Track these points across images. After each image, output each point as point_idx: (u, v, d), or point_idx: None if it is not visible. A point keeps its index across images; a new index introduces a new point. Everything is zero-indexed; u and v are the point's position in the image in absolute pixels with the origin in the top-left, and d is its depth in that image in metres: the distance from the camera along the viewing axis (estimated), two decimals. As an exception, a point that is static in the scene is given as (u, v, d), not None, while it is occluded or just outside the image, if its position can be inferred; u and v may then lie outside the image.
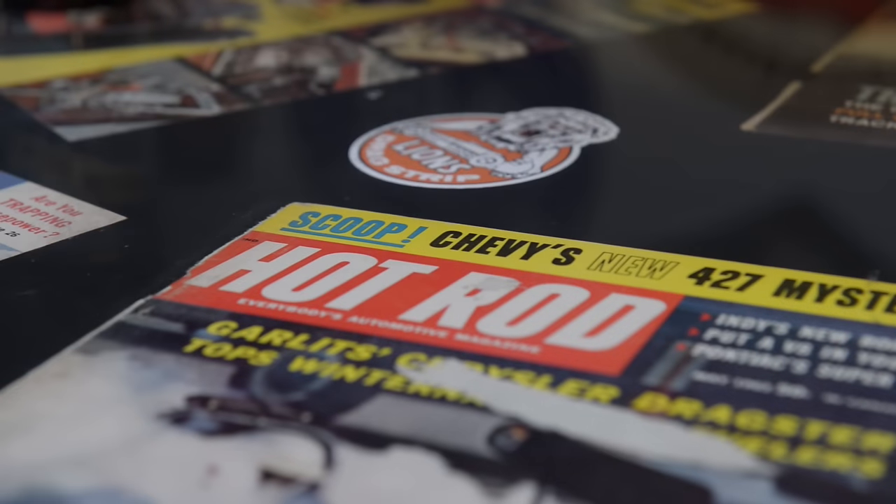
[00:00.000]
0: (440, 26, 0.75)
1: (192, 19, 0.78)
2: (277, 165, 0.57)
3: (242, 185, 0.54)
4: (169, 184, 0.55)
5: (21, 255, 0.47)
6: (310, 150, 0.58)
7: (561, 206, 0.51)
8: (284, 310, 0.43)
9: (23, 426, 0.37)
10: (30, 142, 0.59)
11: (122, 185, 0.54)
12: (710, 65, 0.70)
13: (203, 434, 0.37)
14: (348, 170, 0.55)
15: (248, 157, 0.58)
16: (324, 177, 0.55)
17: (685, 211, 0.50)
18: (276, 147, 0.59)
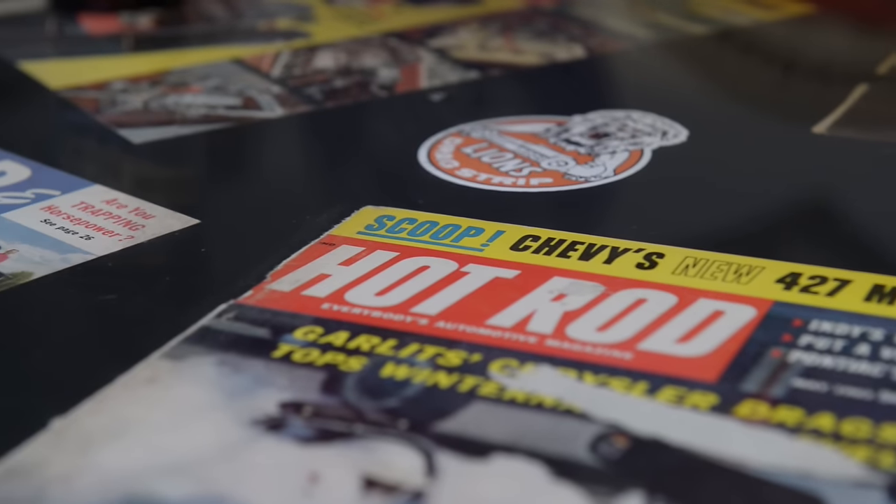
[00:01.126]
0: (496, 28, 0.74)
1: (246, 20, 0.77)
2: (346, 168, 0.56)
3: (312, 187, 0.54)
4: (239, 187, 0.54)
5: (98, 259, 0.47)
6: (378, 153, 0.58)
7: (638, 210, 0.50)
8: (369, 315, 0.42)
9: (116, 432, 0.37)
10: (94, 144, 0.59)
11: (192, 187, 0.54)
12: (773, 66, 0.69)
13: (300, 441, 0.36)
14: (419, 172, 0.54)
15: (315, 159, 0.57)
16: (394, 180, 0.54)
17: (763, 215, 0.50)
18: (344, 150, 0.58)
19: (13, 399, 0.39)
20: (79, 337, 0.42)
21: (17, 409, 0.38)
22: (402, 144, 0.57)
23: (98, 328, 0.43)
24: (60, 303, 0.44)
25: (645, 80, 0.68)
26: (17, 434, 0.37)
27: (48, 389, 0.39)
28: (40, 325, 0.43)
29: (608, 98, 0.62)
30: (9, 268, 0.46)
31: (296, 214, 0.50)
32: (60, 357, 0.41)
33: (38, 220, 0.50)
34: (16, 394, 0.39)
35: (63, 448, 0.36)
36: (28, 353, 0.41)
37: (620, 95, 0.63)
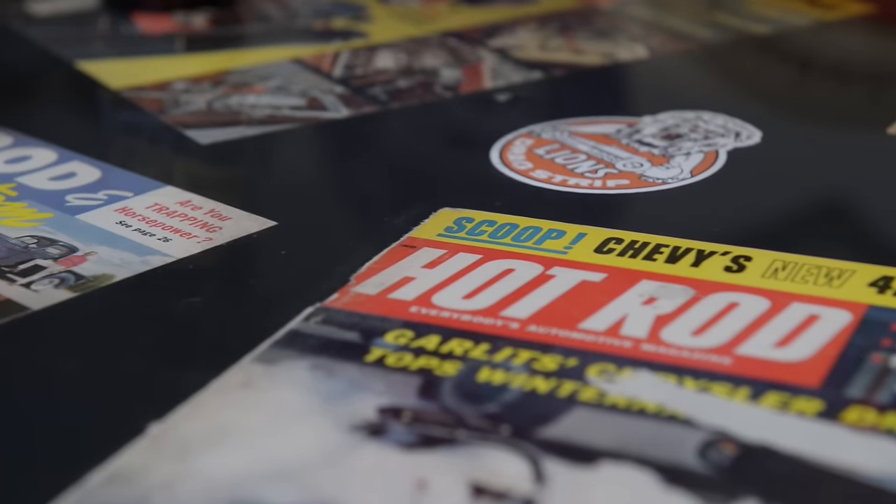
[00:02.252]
0: (555, 27, 0.74)
1: (301, 20, 0.77)
2: (419, 169, 0.56)
3: (387, 188, 0.53)
4: (311, 188, 0.54)
5: (178, 262, 0.46)
6: (449, 154, 0.57)
7: (719, 212, 0.50)
8: (459, 318, 0.42)
9: (215, 437, 0.36)
10: (162, 145, 0.59)
11: (265, 189, 0.54)
12: (837, 66, 0.69)
13: (403, 447, 0.36)
14: (492, 174, 0.54)
15: (386, 160, 0.57)
16: (469, 181, 0.54)
17: (846, 217, 0.49)
18: (413, 150, 0.58)
19: (109, 404, 0.39)
20: (167, 340, 0.42)
21: (113, 413, 0.38)
22: (472, 145, 0.57)
23: (185, 331, 0.43)
24: (145, 306, 0.44)
25: (710, 81, 0.67)
26: (115, 439, 0.36)
27: (142, 394, 0.39)
28: (127, 329, 0.43)
29: (675, 99, 0.61)
30: (89, 270, 0.46)
31: (372, 216, 0.50)
32: (151, 361, 0.41)
33: (113, 222, 0.50)
34: (111, 398, 0.39)
35: (163, 454, 0.36)
36: (119, 357, 0.41)
37: (687, 96, 0.62)
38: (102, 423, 0.37)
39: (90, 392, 0.39)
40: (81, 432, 0.37)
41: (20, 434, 0.37)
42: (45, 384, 0.40)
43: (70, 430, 0.37)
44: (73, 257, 0.47)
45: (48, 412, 0.38)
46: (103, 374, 0.40)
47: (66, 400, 0.39)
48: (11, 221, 0.50)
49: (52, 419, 0.38)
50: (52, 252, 0.47)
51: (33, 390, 0.39)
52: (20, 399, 0.39)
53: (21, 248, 0.48)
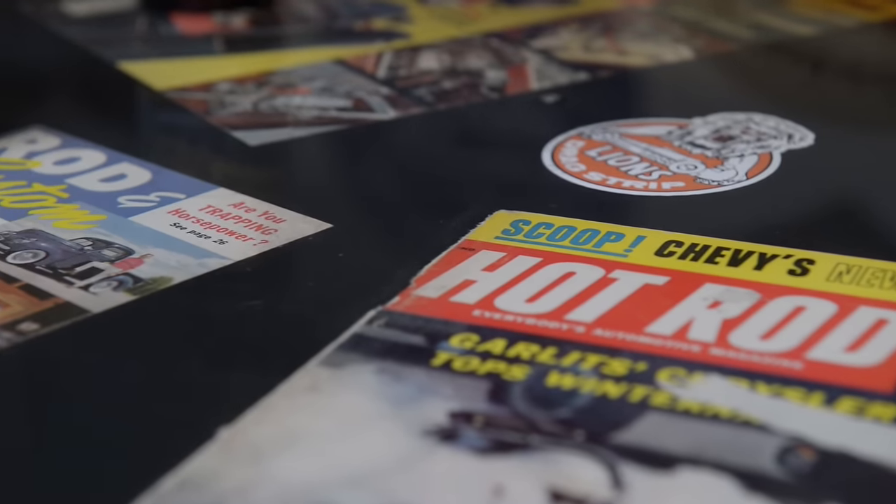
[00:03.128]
0: (597, 28, 0.73)
1: (342, 21, 0.76)
2: (471, 171, 0.55)
3: (440, 190, 0.53)
4: (364, 190, 0.54)
5: (235, 264, 0.46)
6: (501, 155, 0.57)
7: (778, 215, 0.49)
8: (523, 322, 0.42)
9: (285, 442, 0.36)
10: (211, 146, 0.59)
11: (317, 191, 0.53)
12: (887, 69, 0.68)
13: (477, 452, 0.35)
14: (546, 176, 0.53)
15: (436, 161, 0.57)
16: (522, 183, 0.53)
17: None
18: (464, 152, 0.58)
19: (176, 408, 0.38)
20: (230, 343, 0.42)
21: (181, 418, 0.38)
22: (522, 147, 0.57)
23: (248, 334, 0.42)
24: (206, 308, 0.44)
25: (758, 82, 0.67)
26: (184, 444, 0.36)
27: (209, 397, 0.39)
28: (190, 332, 0.42)
29: (724, 100, 0.61)
30: (147, 272, 0.46)
31: (427, 218, 0.49)
32: (215, 364, 0.41)
33: (167, 224, 0.50)
34: (178, 402, 0.39)
35: (234, 459, 0.35)
36: (183, 360, 0.41)
37: (736, 98, 0.62)
38: (170, 428, 0.37)
39: (157, 396, 0.39)
40: (150, 437, 0.37)
41: (88, 439, 0.37)
42: (110, 388, 0.39)
43: (138, 435, 0.37)
44: (130, 259, 0.47)
45: (115, 416, 0.38)
46: (169, 378, 0.40)
47: (133, 404, 0.39)
48: (65, 223, 0.50)
49: (118, 423, 0.38)
50: (108, 254, 0.47)
51: (99, 394, 0.39)
52: (86, 403, 0.39)
53: (77, 251, 0.47)
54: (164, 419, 0.38)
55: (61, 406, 0.38)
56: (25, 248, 0.48)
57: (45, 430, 0.37)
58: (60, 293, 0.45)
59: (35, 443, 0.37)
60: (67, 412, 0.38)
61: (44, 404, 0.39)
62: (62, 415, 0.38)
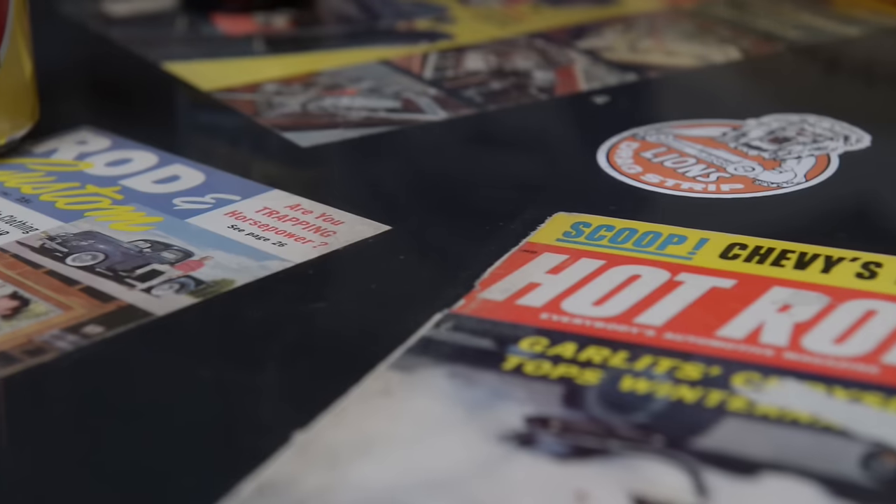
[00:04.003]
0: (642, 29, 0.73)
1: (384, 21, 0.76)
2: (526, 172, 0.55)
3: (495, 192, 0.53)
4: (419, 191, 0.53)
5: (297, 266, 0.46)
6: (555, 157, 0.57)
7: (840, 217, 0.49)
8: (592, 325, 0.41)
9: (362, 447, 0.36)
10: (262, 148, 0.58)
11: (373, 192, 0.53)
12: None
13: (556, 457, 0.35)
14: (602, 177, 0.53)
15: (490, 163, 0.56)
16: (579, 184, 0.53)
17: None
18: (518, 153, 0.57)
19: (249, 412, 0.38)
20: (298, 346, 0.41)
21: (254, 422, 0.37)
22: (576, 148, 0.56)
23: (314, 337, 0.42)
24: (271, 311, 0.44)
25: (808, 83, 0.67)
26: (260, 448, 0.35)
27: (281, 401, 0.38)
28: (257, 335, 0.42)
29: (775, 101, 0.60)
30: (208, 275, 0.46)
31: (485, 220, 0.49)
32: (285, 367, 0.40)
33: (224, 226, 0.49)
34: (250, 406, 0.38)
35: (312, 463, 0.35)
36: (252, 363, 0.40)
37: (787, 98, 0.62)
38: (245, 432, 0.37)
39: (228, 399, 0.39)
40: (224, 441, 0.37)
41: (163, 444, 0.37)
42: (180, 392, 0.39)
43: (212, 440, 0.37)
44: (190, 262, 0.47)
45: (187, 420, 0.38)
46: (239, 381, 0.40)
47: (204, 408, 0.38)
48: (122, 225, 0.50)
49: (191, 428, 0.37)
50: (167, 257, 0.47)
51: (169, 398, 0.39)
52: (156, 407, 0.38)
53: (136, 253, 0.47)
54: (237, 423, 0.37)
55: (130, 410, 0.38)
56: (84, 250, 0.48)
57: (116, 435, 0.37)
58: (122, 296, 0.44)
59: (108, 448, 0.36)
60: (137, 416, 0.38)
61: (113, 408, 0.38)
62: (132, 419, 0.38)
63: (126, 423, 0.38)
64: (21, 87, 0.56)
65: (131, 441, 0.37)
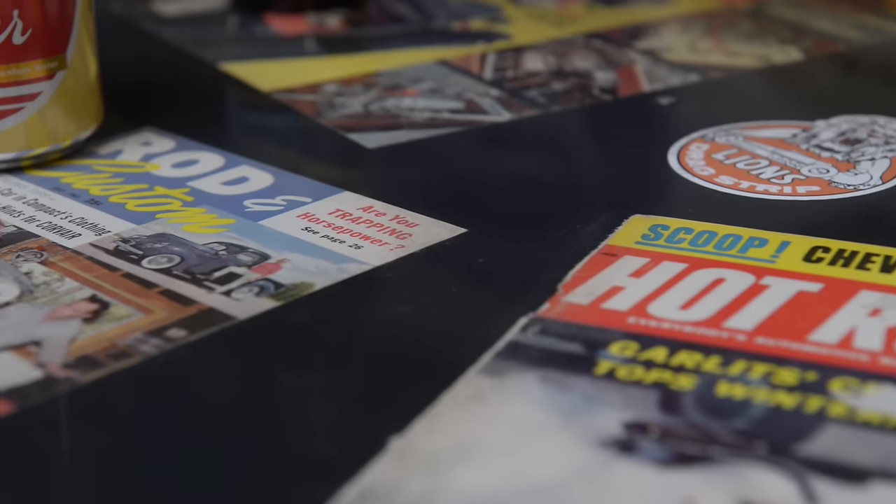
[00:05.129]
0: (700, 29, 0.73)
1: (438, 21, 0.76)
2: (598, 174, 0.55)
3: (567, 194, 0.52)
4: (491, 193, 0.53)
5: (376, 269, 0.45)
6: (625, 158, 0.56)
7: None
8: (681, 329, 0.41)
9: (460, 453, 0.35)
10: (328, 149, 0.58)
11: (444, 194, 0.52)
12: None
13: (659, 464, 0.35)
14: (675, 179, 0.53)
15: (560, 164, 0.56)
16: (652, 186, 0.53)
17: None
18: (588, 154, 0.57)
19: (343, 417, 0.38)
20: (384, 351, 0.41)
21: (349, 427, 0.37)
22: (645, 150, 0.56)
23: (401, 342, 0.42)
24: (354, 315, 0.43)
25: (874, 84, 0.66)
26: (357, 454, 0.35)
27: (374, 406, 0.38)
28: (342, 338, 0.42)
29: (842, 102, 0.60)
30: (286, 278, 0.45)
31: (560, 222, 0.49)
32: (374, 372, 0.40)
33: (298, 228, 0.49)
34: (343, 411, 0.38)
35: (411, 470, 0.35)
36: (340, 368, 0.40)
37: (854, 99, 0.61)
38: (340, 438, 0.37)
39: (320, 404, 0.38)
40: (321, 447, 0.36)
41: (266, 450, 0.36)
42: (271, 396, 0.39)
43: (308, 445, 0.37)
44: (267, 265, 0.46)
45: (281, 425, 0.37)
46: (329, 385, 0.39)
47: (297, 412, 0.38)
48: (194, 227, 0.49)
49: (286, 432, 0.37)
50: (244, 259, 0.47)
51: (261, 402, 0.39)
52: (249, 411, 0.38)
53: (211, 255, 0.47)
54: (332, 428, 0.37)
55: (219, 414, 0.38)
56: (159, 253, 0.47)
57: (208, 439, 0.37)
58: (202, 299, 0.44)
59: (201, 453, 0.36)
60: (228, 421, 0.38)
61: (202, 412, 0.38)
62: (222, 424, 0.37)
63: (216, 428, 0.37)
64: (86, 87, 0.56)
65: (227, 446, 0.37)
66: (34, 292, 0.45)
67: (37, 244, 0.48)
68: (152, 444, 0.37)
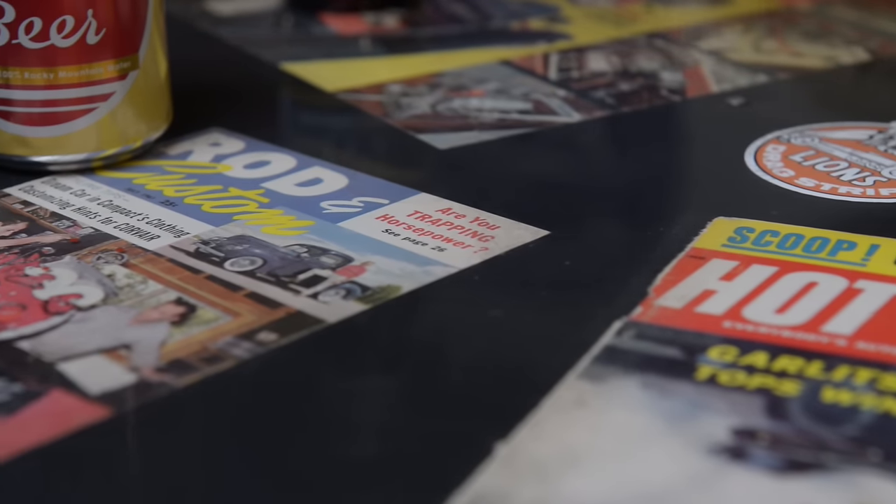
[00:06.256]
0: (763, 29, 0.72)
1: (496, 21, 0.75)
2: (675, 175, 0.54)
3: (648, 195, 0.52)
4: (569, 195, 0.52)
5: (462, 272, 0.45)
6: (701, 159, 0.56)
7: None
8: (779, 334, 0.40)
9: (570, 460, 0.35)
10: (400, 150, 0.58)
11: (522, 195, 0.52)
12: None
13: (773, 471, 0.34)
14: (755, 181, 0.52)
15: (637, 165, 0.56)
16: (731, 188, 0.52)
17: None
18: (663, 155, 0.56)
19: (445, 422, 0.37)
20: (480, 354, 0.41)
21: (453, 432, 0.37)
22: (721, 151, 0.55)
23: (495, 345, 0.41)
24: (445, 318, 0.43)
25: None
26: (464, 460, 0.35)
27: (475, 411, 0.38)
28: (436, 342, 0.42)
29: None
30: (372, 281, 0.45)
31: (642, 224, 0.48)
32: (472, 376, 0.40)
33: (379, 230, 0.49)
34: (445, 416, 0.37)
35: (521, 477, 0.34)
36: (438, 372, 0.40)
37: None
38: (445, 443, 0.36)
39: (421, 409, 0.38)
40: (426, 453, 0.36)
41: (369, 456, 0.36)
42: (365, 400, 0.38)
43: (413, 451, 0.36)
44: (351, 267, 0.46)
45: (382, 429, 0.37)
46: (428, 390, 0.39)
47: (398, 417, 0.38)
48: (273, 229, 0.49)
49: (388, 436, 0.37)
50: (327, 262, 0.46)
51: (361, 406, 0.39)
52: (348, 416, 0.38)
53: (294, 258, 0.46)
54: (434, 434, 0.37)
55: (319, 420, 0.37)
56: (241, 255, 0.47)
57: (310, 447, 0.36)
58: (289, 302, 0.44)
59: (304, 460, 0.36)
60: (326, 425, 0.37)
61: (301, 418, 0.38)
62: (322, 429, 0.37)
63: (318, 434, 0.37)
64: (157, 87, 0.55)
65: (328, 452, 0.36)
66: (118, 294, 0.44)
67: (116, 246, 0.48)
68: (254, 449, 0.36)
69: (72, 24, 0.51)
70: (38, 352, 0.41)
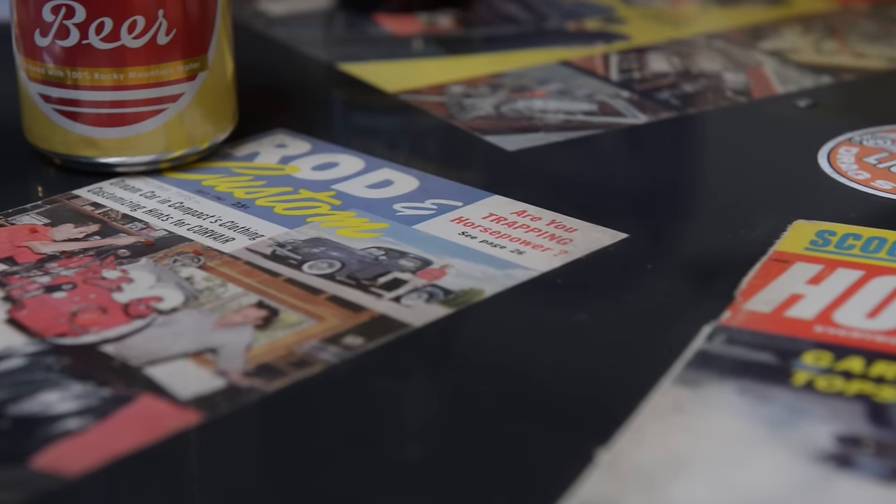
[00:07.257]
0: (822, 30, 0.71)
1: (552, 21, 0.75)
2: (749, 177, 0.54)
3: (724, 197, 0.51)
4: (645, 197, 0.52)
5: (543, 276, 0.45)
6: (774, 161, 0.55)
7: None
8: (873, 339, 0.40)
9: (675, 467, 0.35)
10: (468, 151, 0.57)
11: (597, 198, 0.52)
12: None
13: (882, 479, 0.34)
14: (831, 183, 0.52)
15: (709, 167, 0.55)
16: (808, 190, 0.52)
17: None
18: (736, 157, 0.56)
19: (544, 428, 0.37)
20: (571, 359, 0.40)
21: (552, 438, 0.36)
22: (793, 153, 0.55)
23: (585, 350, 0.41)
24: (532, 322, 0.42)
25: None
26: (565, 466, 0.34)
27: (572, 417, 0.37)
28: (525, 346, 0.41)
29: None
30: (454, 284, 0.44)
31: (721, 227, 0.48)
32: (565, 381, 0.39)
33: (455, 233, 0.48)
34: (543, 422, 0.37)
35: (627, 484, 0.34)
36: (531, 377, 0.39)
37: None
38: (545, 449, 0.36)
39: (517, 414, 0.38)
40: (527, 458, 0.36)
41: (471, 463, 0.35)
42: (465, 405, 0.38)
43: (511, 456, 0.36)
44: (431, 270, 0.45)
45: (474, 434, 0.37)
46: (523, 395, 0.39)
47: (492, 422, 0.37)
48: (349, 232, 0.48)
49: (484, 442, 0.36)
50: (406, 265, 0.46)
51: (456, 411, 0.38)
52: (442, 419, 0.38)
53: (372, 261, 0.46)
54: (533, 440, 0.36)
55: (418, 426, 0.37)
56: (318, 258, 0.46)
57: (407, 452, 0.36)
58: (372, 305, 0.43)
59: (414, 467, 0.35)
60: (427, 432, 0.37)
61: (395, 423, 0.37)
62: (425, 436, 0.37)
63: (416, 441, 0.37)
64: (224, 89, 0.55)
65: (427, 459, 0.36)
66: (199, 298, 0.44)
67: (191, 248, 0.47)
68: (352, 453, 0.36)
69: (142, 24, 0.51)
70: (124, 356, 0.40)
